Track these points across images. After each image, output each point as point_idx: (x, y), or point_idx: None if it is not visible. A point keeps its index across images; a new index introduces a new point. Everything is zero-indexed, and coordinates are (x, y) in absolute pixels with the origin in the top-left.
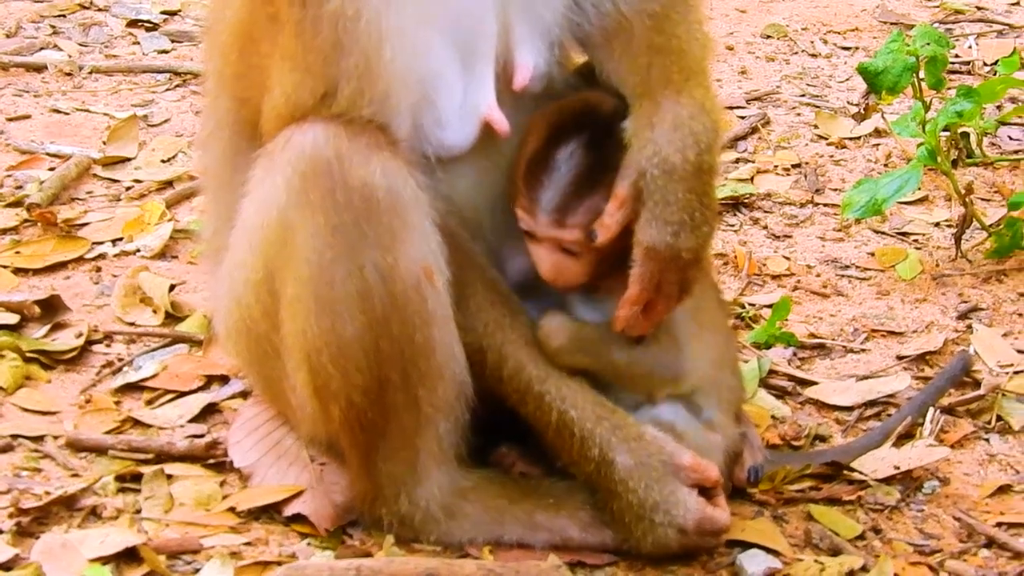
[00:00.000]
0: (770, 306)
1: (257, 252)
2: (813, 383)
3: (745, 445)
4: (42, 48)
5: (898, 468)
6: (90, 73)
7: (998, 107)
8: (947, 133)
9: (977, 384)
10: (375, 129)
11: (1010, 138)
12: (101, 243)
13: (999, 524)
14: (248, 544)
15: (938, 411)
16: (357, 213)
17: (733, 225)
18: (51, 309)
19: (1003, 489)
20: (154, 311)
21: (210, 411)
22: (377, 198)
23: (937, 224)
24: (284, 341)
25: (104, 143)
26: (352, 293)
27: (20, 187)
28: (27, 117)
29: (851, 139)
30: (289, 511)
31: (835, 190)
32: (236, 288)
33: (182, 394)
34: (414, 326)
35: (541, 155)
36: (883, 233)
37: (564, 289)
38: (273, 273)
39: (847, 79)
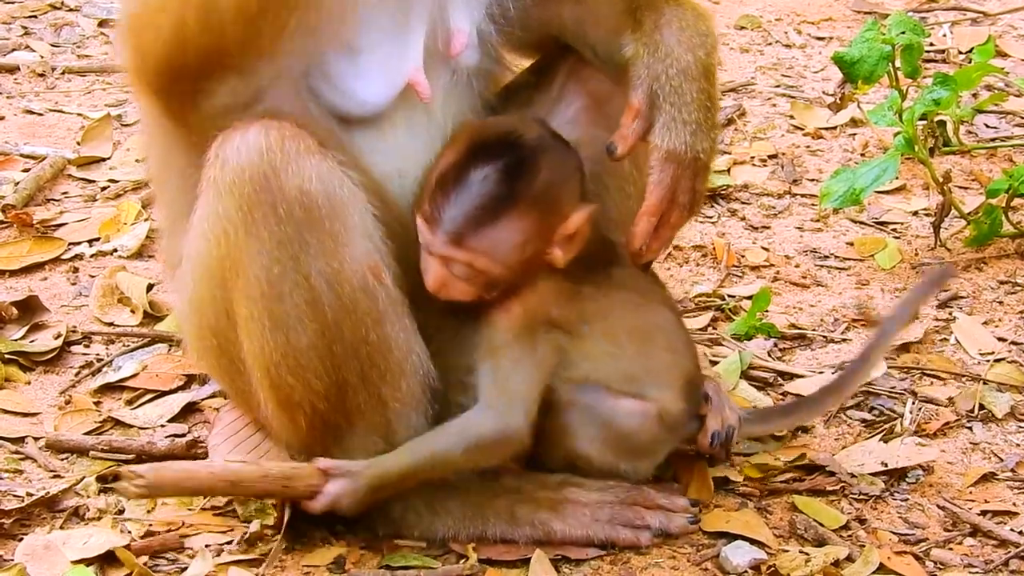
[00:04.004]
0: (750, 297)
1: (215, 282)
2: (794, 375)
3: (709, 412)
4: (14, 49)
5: (885, 465)
6: (63, 73)
7: (974, 95)
8: (924, 122)
9: (959, 374)
10: (305, 134)
11: (987, 126)
12: (78, 243)
13: (983, 512)
14: (231, 543)
15: (920, 400)
16: (299, 223)
17: (711, 217)
18: (29, 310)
19: (987, 477)
20: (132, 311)
21: (190, 410)
22: (317, 205)
23: (915, 213)
24: (245, 361)
25: (78, 143)
26: (301, 303)
27: None
28: (0, 119)
29: (827, 129)
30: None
31: (812, 180)
32: (200, 318)
33: (162, 394)
34: (366, 326)
35: (455, 170)
36: (861, 223)
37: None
38: (230, 297)
39: (822, 69)
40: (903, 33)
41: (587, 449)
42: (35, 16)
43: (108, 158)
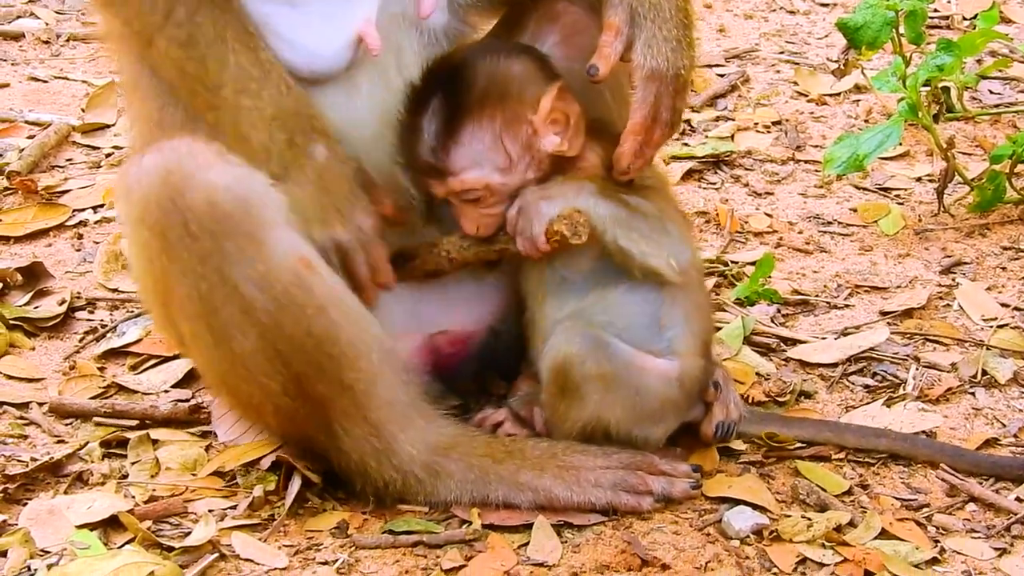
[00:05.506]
0: (753, 263)
1: (159, 307)
2: (797, 340)
3: (717, 401)
4: (19, 16)
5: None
6: (67, 40)
7: (978, 61)
8: (927, 88)
9: (962, 340)
10: (204, 145)
11: (991, 92)
12: (82, 210)
13: (986, 478)
14: (235, 508)
15: (923, 366)
16: (214, 235)
17: (714, 183)
18: (33, 276)
19: (989, 443)
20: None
21: (194, 375)
22: (227, 213)
23: (919, 179)
24: (203, 376)
25: (83, 110)
26: (236, 313)
27: (0, 155)
28: (5, 85)
29: (831, 95)
30: (269, 460)
31: (816, 147)
32: (166, 336)
33: (166, 359)
34: (307, 318)
35: (409, 120)
36: (865, 189)
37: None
38: (174, 319)
39: (826, 35)
40: None
41: (607, 415)
42: None
43: (113, 125)
